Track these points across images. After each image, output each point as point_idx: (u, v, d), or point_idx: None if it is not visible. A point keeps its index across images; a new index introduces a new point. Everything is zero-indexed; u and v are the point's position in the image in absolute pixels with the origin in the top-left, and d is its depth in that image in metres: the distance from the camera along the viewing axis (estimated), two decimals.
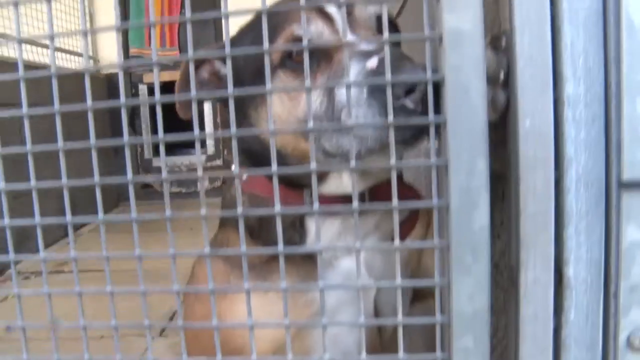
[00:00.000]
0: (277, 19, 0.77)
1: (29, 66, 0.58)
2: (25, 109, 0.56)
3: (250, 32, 0.86)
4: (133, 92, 5.35)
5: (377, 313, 0.91)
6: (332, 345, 0.87)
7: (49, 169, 0.64)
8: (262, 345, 0.73)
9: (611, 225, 0.56)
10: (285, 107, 0.78)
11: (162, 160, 0.59)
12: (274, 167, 0.52)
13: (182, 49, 5.12)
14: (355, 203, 0.52)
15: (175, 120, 0.83)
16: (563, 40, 0.53)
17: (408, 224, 0.92)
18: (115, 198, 4.82)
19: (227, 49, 0.52)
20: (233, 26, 0.52)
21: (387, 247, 0.96)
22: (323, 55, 0.76)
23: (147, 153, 5.94)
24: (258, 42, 0.79)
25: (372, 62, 0.68)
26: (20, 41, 0.57)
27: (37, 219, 0.60)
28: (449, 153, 0.52)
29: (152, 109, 5.63)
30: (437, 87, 0.51)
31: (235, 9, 0.51)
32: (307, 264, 0.81)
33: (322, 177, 0.81)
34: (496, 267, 0.73)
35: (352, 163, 0.53)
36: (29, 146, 0.58)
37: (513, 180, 0.56)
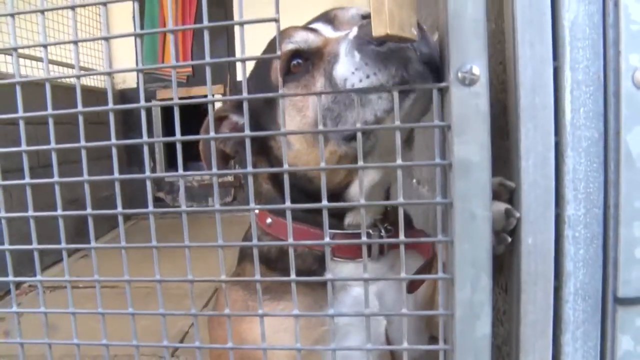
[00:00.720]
0: (268, 60, 0.86)
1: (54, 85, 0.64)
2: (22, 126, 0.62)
3: (254, 78, 0.92)
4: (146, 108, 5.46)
5: (389, 342, 0.94)
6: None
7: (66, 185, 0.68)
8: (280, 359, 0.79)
9: (607, 335, 0.60)
10: (296, 119, 0.83)
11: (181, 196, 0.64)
12: (288, 203, 0.58)
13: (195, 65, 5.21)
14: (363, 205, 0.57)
15: (188, 133, 0.84)
16: (566, 166, 0.58)
17: (423, 272, 0.96)
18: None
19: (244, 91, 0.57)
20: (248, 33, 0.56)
21: (394, 277, 0.99)
22: (315, 57, 0.81)
23: (160, 169, 6.04)
24: (262, 81, 0.86)
25: (353, 31, 0.72)
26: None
27: (34, 244, 0.66)
28: (455, 269, 0.57)
29: (166, 124, 5.71)
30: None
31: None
32: (323, 287, 0.85)
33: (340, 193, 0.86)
34: (499, 349, 0.77)
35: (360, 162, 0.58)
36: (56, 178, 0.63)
37: (515, 291, 0.60)
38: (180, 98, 0.61)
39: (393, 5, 0.52)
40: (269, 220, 0.93)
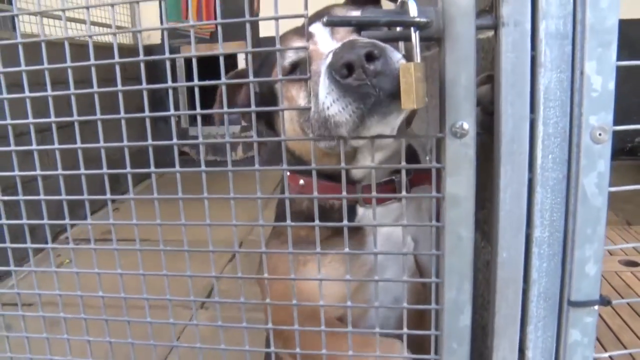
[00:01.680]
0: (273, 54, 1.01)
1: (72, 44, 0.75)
2: (47, 90, 0.81)
3: (262, 67, 1.09)
4: (171, 64, 5.58)
5: (418, 266, 1.14)
6: (385, 294, 1.09)
7: (92, 140, 0.83)
8: (331, 299, 0.93)
9: (562, 328, 0.77)
10: (290, 113, 1.00)
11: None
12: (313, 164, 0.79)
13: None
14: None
15: (210, 89, 0.90)
16: (536, 199, 0.74)
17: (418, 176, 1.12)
18: (154, 166, 5.15)
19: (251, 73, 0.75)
20: None
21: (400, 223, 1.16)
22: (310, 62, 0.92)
23: (184, 122, 6.21)
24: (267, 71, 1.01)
25: (329, 56, 0.76)
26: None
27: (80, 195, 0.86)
28: (444, 276, 0.74)
29: (189, 79, 5.84)
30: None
31: None
32: (357, 235, 1.04)
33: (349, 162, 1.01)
34: (483, 329, 0.95)
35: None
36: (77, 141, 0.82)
37: (492, 292, 0.78)
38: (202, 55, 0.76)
39: (418, 83, 0.66)
40: (301, 182, 1.10)
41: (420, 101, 0.66)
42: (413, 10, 0.66)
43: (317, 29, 0.98)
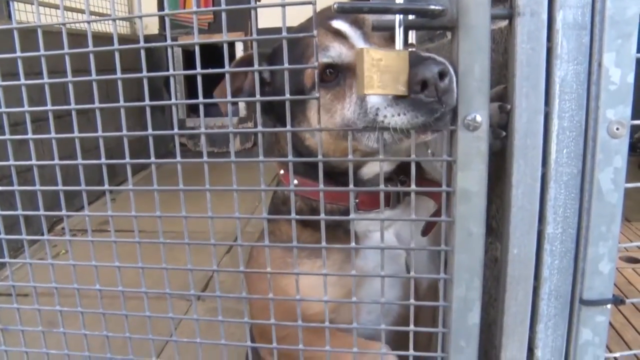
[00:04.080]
0: (302, 43, 0.96)
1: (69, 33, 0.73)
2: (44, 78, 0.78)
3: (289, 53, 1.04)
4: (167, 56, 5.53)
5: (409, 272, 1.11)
6: (378, 298, 1.07)
7: (90, 129, 0.81)
8: (320, 305, 0.89)
9: (572, 327, 0.75)
10: (324, 117, 0.95)
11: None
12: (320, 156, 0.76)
13: (216, 12, 5.22)
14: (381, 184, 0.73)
15: (209, 80, 0.86)
16: (549, 194, 0.72)
17: (435, 216, 1.10)
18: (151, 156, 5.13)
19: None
20: None
21: (405, 218, 1.14)
22: (347, 70, 0.92)
23: (181, 113, 6.17)
24: (296, 76, 0.96)
25: None
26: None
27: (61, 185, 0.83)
28: (453, 272, 0.72)
29: (187, 70, 5.80)
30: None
31: None
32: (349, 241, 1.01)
33: (358, 166, 1.01)
34: (489, 327, 0.93)
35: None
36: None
37: (502, 289, 0.76)
38: (201, 45, 0.74)
39: (374, 72, 0.64)
40: (295, 182, 1.05)
41: (375, 88, 0.65)
42: None
43: (347, 29, 0.94)
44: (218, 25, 5.43)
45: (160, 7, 5.30)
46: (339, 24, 0.94)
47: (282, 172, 1.11)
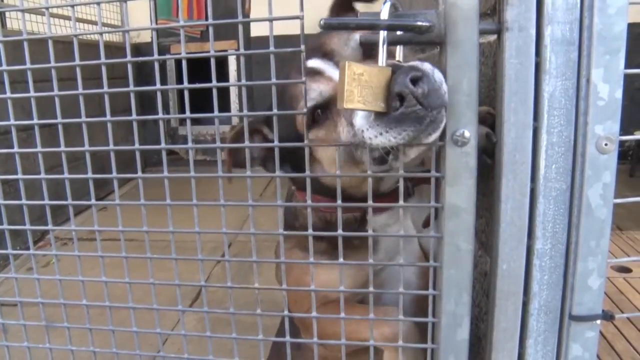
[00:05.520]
0: (287, 93, 0.97)
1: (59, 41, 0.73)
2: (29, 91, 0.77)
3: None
4: (160, 63, 5.49)
5: (423, 249, 1.15)
6: (397, 281, 1.09)
7: (79, 138, 0.79)
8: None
9: (562, 342, 0.75)
10: (329, 151, 0.96)
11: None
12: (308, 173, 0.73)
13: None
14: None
15: (200, 89, 0.84)
16: (538, 210, 0.71)
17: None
18: (142, 164, 5.11)
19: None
20: None
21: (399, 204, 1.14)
22: (332, 101, 0.90)
23: (174, 122, 6.14)
24: (290, 123, 0.97)
25: None
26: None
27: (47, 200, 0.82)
28: (442, 288, 0.71)
29: (179, 78, 5.79)
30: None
31: None
32: (363, 247, 1.01)
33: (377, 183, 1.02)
34: (479, 340, 0.93)
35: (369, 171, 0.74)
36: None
37: (491, 305, 0.75)
38: (193, 53, 0.74)
39: (354, 87, 0.63)
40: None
41: (356, 102, 0.64)
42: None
43: (320, 65, 0.94)
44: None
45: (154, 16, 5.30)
46: (313, 63, 0.94)
47: (294, 187, 1.17)
